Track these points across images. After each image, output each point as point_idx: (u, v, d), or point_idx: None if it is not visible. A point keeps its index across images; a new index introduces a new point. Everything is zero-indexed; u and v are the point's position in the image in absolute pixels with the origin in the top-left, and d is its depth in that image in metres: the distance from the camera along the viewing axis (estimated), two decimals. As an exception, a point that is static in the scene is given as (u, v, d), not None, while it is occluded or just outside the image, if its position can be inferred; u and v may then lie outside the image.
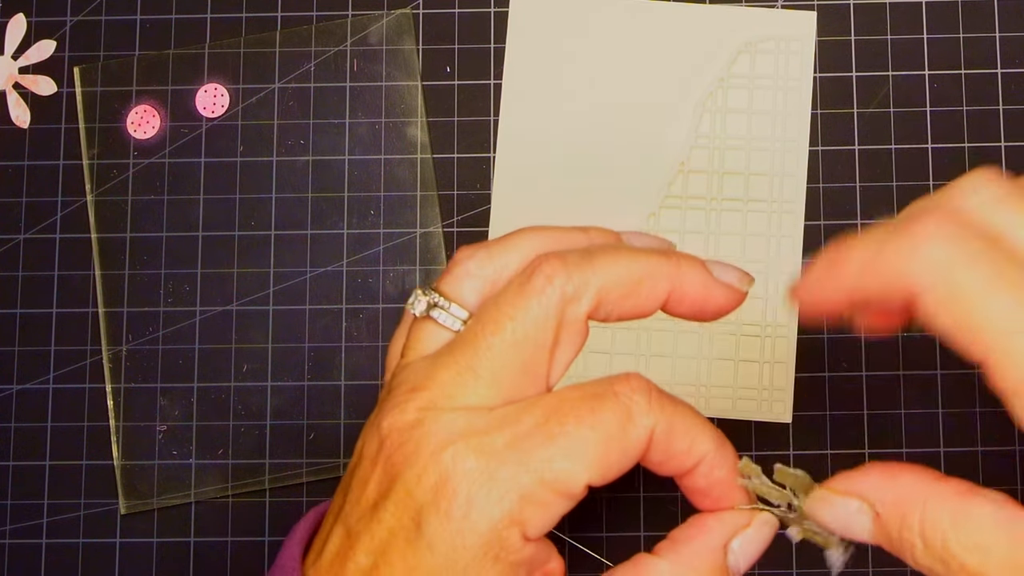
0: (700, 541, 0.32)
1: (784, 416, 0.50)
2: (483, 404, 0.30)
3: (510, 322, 0.30)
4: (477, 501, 0.29)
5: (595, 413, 0.30)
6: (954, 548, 0.29)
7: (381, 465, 0.30)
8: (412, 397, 0.31)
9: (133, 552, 0.51)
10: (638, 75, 0.51)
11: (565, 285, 0.31)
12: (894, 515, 0.30)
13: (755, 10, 0.51)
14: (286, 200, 0.52)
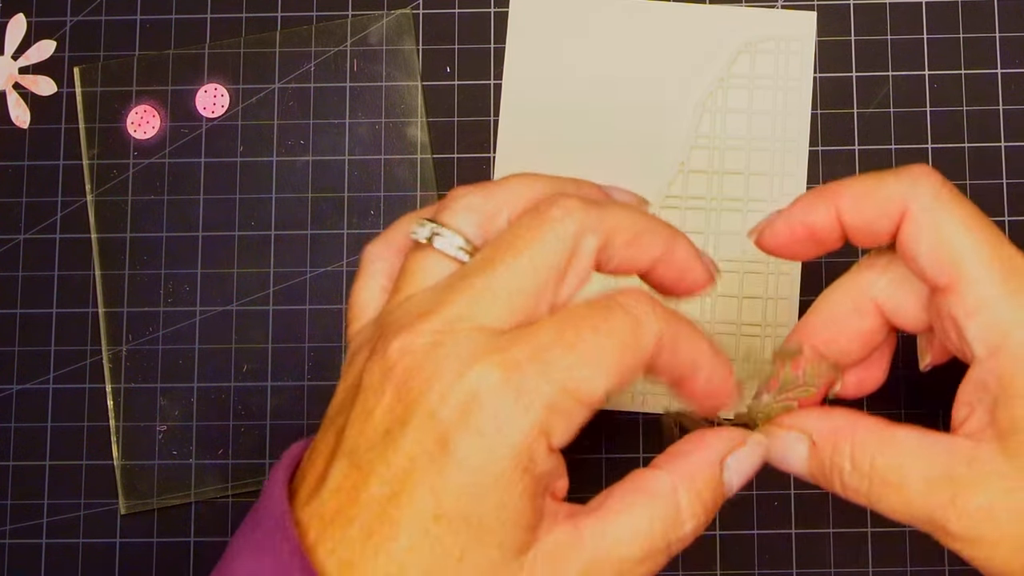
0: (698, 455, 0.33)
1: None
2: (498, 326, 0.31)
3: (528, 246, 0.31)
4: (506, 415, 0.29)
5: (608, 322, 0.31)
6: (880, 467, 0.33)
7: (391, 392, 0.30)
8: (423, 321, 0.31)
9: (133, 552, 0.51)
10: (638, 75, 0.51)
11: (583, 219, 0.32)
12: (828, 442, 0.34)
13: (755, 10, 0.51)
14: (286, 200, 0.52)
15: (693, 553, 0.49)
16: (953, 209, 0.33)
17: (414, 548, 0.29)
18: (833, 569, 0.49)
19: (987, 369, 0.33)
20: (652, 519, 0.31)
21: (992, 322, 0.32)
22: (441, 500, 0.29)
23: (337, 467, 0.30)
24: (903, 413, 0.50)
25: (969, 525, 0.32)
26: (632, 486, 0.32)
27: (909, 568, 0.49)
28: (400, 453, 0.29)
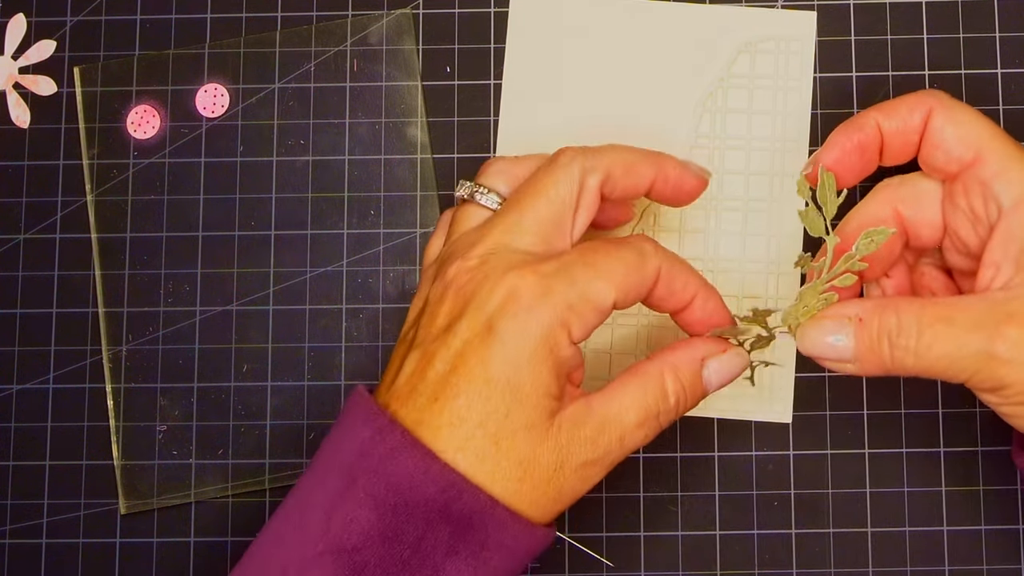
0: (683, 351, 0.42)
1: (784, 416, 0.50)
2: (530, 249, 0.40)
3: (545, 188, 0.41)
4: (537, 306, 0.38)
5: (619, 251, 0.40)
6: (928, 317, 0.39)
7: (450, 298, 0.40)
8: (471, 249, 0.40)
9: (133, 552, 0.51)
10: (638, 75, 0.51)
11: (584, 161, 0.41)
12: (874, 315, 0.40)
13: (755, 10, 0.51)
14: (286, 200, 0.52)
15: (693, 553, 0.49)
16: (966, 107, 0.41)
17: (471, 405, 0.38)
18: (833, 569, 0.49)
19: (1013, 220, 0.39)
20: (644, 393, 0.40)
21: (1015, 178, 0.40)
22: (489, 368, 0.38)
23: (409, 359, 0.39)
24: (903, 413, 0.50)
25: (1014, 347, 0.38)
26: (629, 372, 0.41)
27: (909, 568, 0.49)
28: (457, 338, 0.39)
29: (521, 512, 0.38)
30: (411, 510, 0.37)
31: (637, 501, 0.50)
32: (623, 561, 0.50)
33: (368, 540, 0.37)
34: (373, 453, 0.38)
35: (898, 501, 0.49)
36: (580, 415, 0.39)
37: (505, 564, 0.39)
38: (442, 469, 0.37)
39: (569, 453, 0.39)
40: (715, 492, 0.50)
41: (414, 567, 0.38)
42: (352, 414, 0.40)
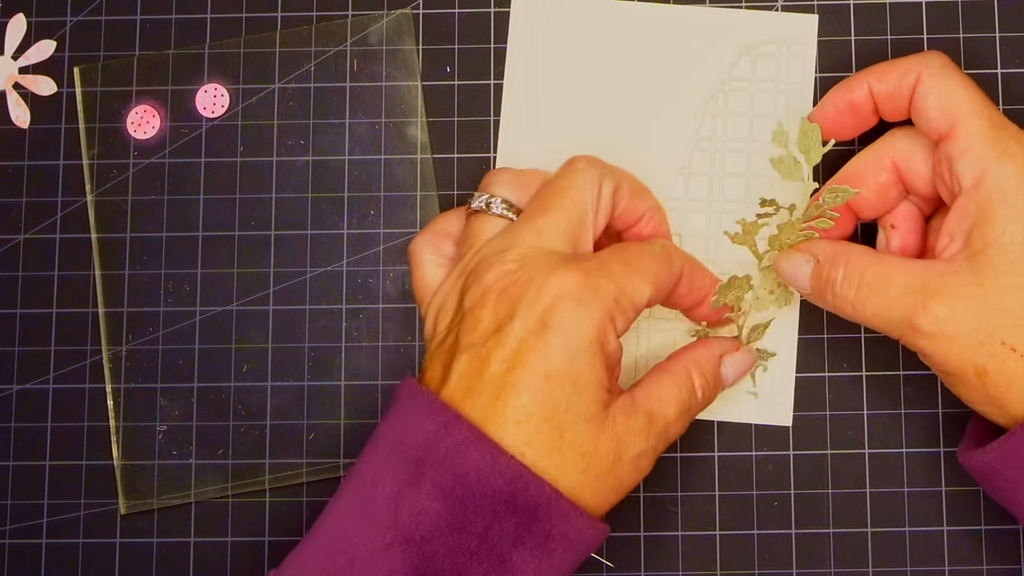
0: (703, 350, 0.45)
1: (784, 419, 0.50)
2: (563, 250, 0.42)
3: (568, 191, 0.43)
4: (588, 301, 0.40)
5: (651, 251, 0.43)
6: (868, 277, 0.42)
7: (494, 301, 0.40)
8: (506, 254, 0.41)
9: (133, 552, 0.51)
10: (639, 77, 0.51)
11: (601, 168, 0.44)
12: (828, 259, 0.43)
13: (757, 13, 0.51)
14: (286, 200, 0.52)
15: (693, 553, 0.49)
16: (955, 77, 0.42)
17: (534, 401, 0.39)
18: (833, 569, 0.49)
19: (969, 198, 0.41)
20: (679, 388, 0.43)
21: (976, 159, 0.41)
22: (548, 364, 0.39)
23: (458, 363, 0.40)
24: (903, 413, 0.50)
25: (934, 323, 0.40)
26: (659, 369, 0.44)
27: (909, 568, 0.49)
28: (511, 337, 0.40)
29: (582, 504, 0.40)
30: (478, 501, 0.38)
31: (637, 501, 0.50)
32: (623, 561, 0.50)
33: (437, 531, 0.38)
34: (440, 446, 0.39)
35: (898, 501, 0.49)
36: (628, 408, 0.41)
37: (567, 557, 0.40)
38: (509, 461, 0.38)
39: (625, 444, 0.41)
40: (715, 492, 0.50)
41: (482, 557, 0.38)
42: (411, 406, 0.40)
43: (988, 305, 0.40)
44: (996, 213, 0.40)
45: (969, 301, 0.40)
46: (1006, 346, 0.40)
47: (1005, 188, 0.40)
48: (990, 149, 0.41)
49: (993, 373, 0.40)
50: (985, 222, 0.40)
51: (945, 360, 0.41)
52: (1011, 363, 0.40)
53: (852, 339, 0.50)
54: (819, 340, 0.50)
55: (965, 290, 0.40)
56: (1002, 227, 0.40)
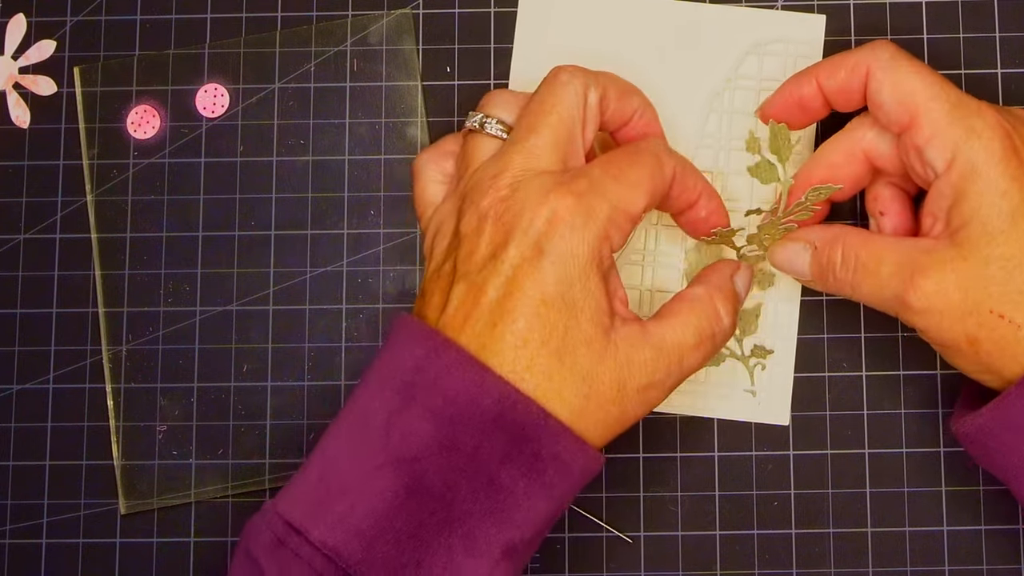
0: (718, 274, 0.45)
1: (782, 418, 0.50)
2: (555, 169, 0.42)
3: (553, 107, 0.42)
4: (581, 224, 0.40)
5: (639, 159, 0.43)
6: (863, 258, 0.43)
7: (490, 228, 0.41)
8: (499, 179, 0.41)
9: (133, 552, 0.51)
10: (645, 74, 0.51)
11: (584, 77, 0.43)
12: (826, 245, 0.44)
13: (765, 12, 0.51)
14: (286, 200, 0.52)
15: (693, 553, 0.49)
16: (906, 64, 0.43)
17: (531, 326, 0.39)
18: (833, 569, 0.49)
19: (944, 181, 0.42)
20: (699, 316, 0.43)
21: (944, 142, 0.41)
22: (544, 289, 0.40)
23: (456, 290, 0.41)
24: (903, 413, 0.50)
25: (923, 298, 0.41)
26: (678, 299, 0.44)
27: (909, 568, 0.49)
28: (507, 264, 0.40)
29: (583, 430, 0.40)
30: (467, 420, 0.39)
31: (637, 501, 0.50)
32: (623, 561, 0.50)
33: (427, 450, 0.39)
34: (429, 369, 0.40)
35: (898, 501, 0.49)
36: (636, 338, 0.41)
37: (560, 479, 0.40)
38: (496, 381, 0.39)
39: (630, 374, 0.41)
40: (715, 492, 0.50)
41: (471, 474, 0.39)
42: (403, 335, 0.41)
43: (973, 276, 0.41)
44: (970, 190, 0.41)
45: (955, 274, 0.41)
46: (994, 314, 0.41)
47: (975, 164, 0.41)
48: (956, 130, 0.41)
49: (984, 341, 0.41)
50: (961, 199, 0.41)
51: (938, 333, 0.42)
52: (1000, 329, 0.41)
53: (852, 339, 0.50)
54: (819, 340, 0.50)
55: (950, 264, 0.41)
56: (977, 202, 0.41)
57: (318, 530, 0.39)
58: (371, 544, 0.39)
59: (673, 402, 0.50)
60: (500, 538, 0.39)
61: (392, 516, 0.39)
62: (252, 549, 0.40)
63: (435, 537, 0.39)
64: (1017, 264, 0.40)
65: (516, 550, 0.40)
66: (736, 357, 0.50)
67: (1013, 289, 0.40)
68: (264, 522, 0.40)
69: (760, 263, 0.49)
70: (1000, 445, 0.42)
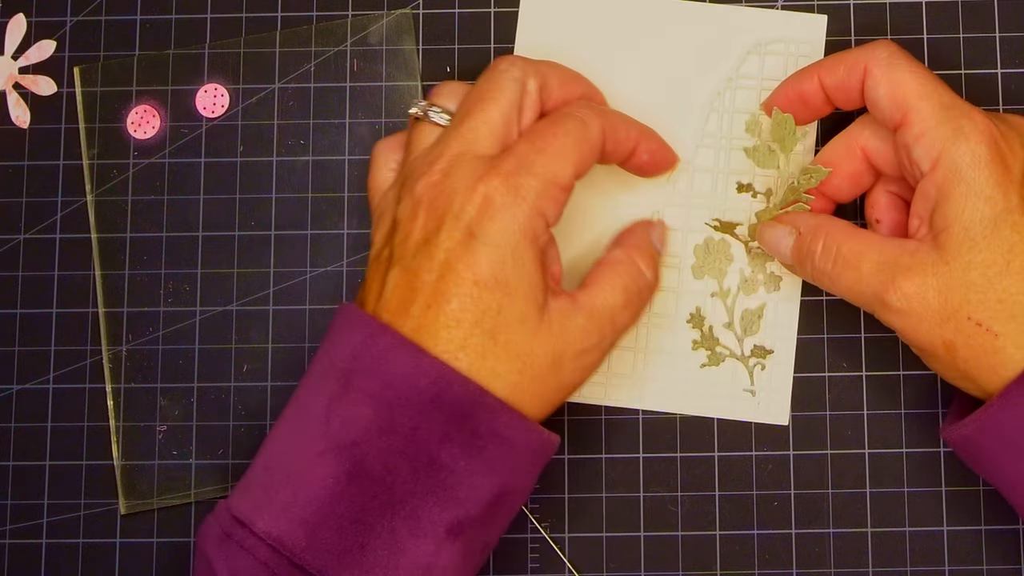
0: (636, 234, 0.47)
1: (781, 418, 0.50)
2: (489, 153, 0.42)
3: (491, 94, 0.43)
4: (510, 204, 0.41)
5: (563, 127, 0.43)
6: (844, 252, 0.43)
7: (423, 214, 0.41)
8: (434, 164, 0.42)
9: (133, 552, 0.51)
10: (646, 72, 0.51)
11: (523, 66, 0.44)
12: (809, 232, 0.45)
13: (766, 12, 0.51)
14: (286, 200, 0.52)
15: (693, 553, 0.49)
16: (903, 64, 0.43)
17: (464, 307, 0.40)
18: (833, 569, 0.49)
19: (929, 181, 0.42)
20: (623, 275, 0.44)
21: (931, 143, 0.42)
22: (476, 270, 0.40)
23: (391, 276, 0.41)
24: (903, 413, 0.50)
25: (903, 299, 0.41)
26: (599, 265, 0.45)
27: (909, 568, 0.49)
28: (439, 248, 0.40)
29: (520, 404, 0.41)
30: (405, 402, 0.39)
31: (637, 501, 0.50)
32: (623, 561, 0.50)
33: (366, 434, 0.39)
34: (366, 355, 0.40)
35: (898, 501, 0.49)
36: (568, 308, 0.42)
37: (500, 454, 0.41)
38: (432, 362, 0.39)
39: (565, 344, 0.41)
40: (715, 492, 0.50)
41: (410, 455, 0.39)
42: (342, 324, 0.42)
43: (953, 281, 0.41)
44: (953, 192, 0.41)
45: (936, 278, 0.41)
46: (972, 320, 0.41)
47: (960, 167, 0.41)
48: (944, 130, 0.41)
49: (961, 347, 0.41)
50: (945, 202, 0.41)
51: (916, 336, 0.42)
52: (977, 337, 0.41)
53: (852, 339, 0.50)
54: (819, 340, 0.50)
55: (932, 268, 0.41)
56: (960, 205, 0.41)
57: (262, 520, 0.39)
58: (314, 531, 0.39)
59: (673, 401, 0.50)
60: (444, 517, 0.40)
61: (334, 502, 0.39)
62: (201, 545, 0.41)
63: (378, 520, 0.39)
64: (997, 271, 0.40)
65: (462, 528, 0.40)
66: (736, 357, 0.50)
67: (992, 297, 0.40)
68: (213, 518, 0.41)
69: (767, 262, 0.49)
70: (986, 455, 0.42)
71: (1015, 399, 0.40)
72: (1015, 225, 0.40)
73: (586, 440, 0.50)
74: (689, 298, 0.50)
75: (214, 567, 0.40)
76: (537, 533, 0.50)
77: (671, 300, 0.50)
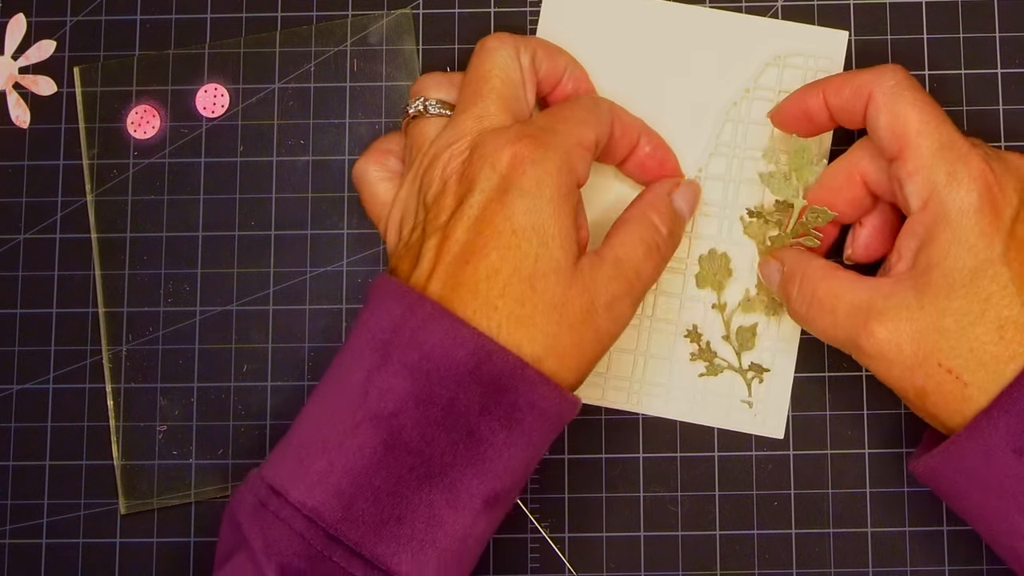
0: (652, 192, 0.47)
1: (777, 431, 0.50)
2: (505, 125, 0.43)
3: (492, 72, 0.44)
4: (542, 158, 0.41)
5: (576, 103, 0.45)
6: (819, 294, 0.43)
7: (453, 185, 0.42)
8: (455, 146, 0.43)
9: (133, 552, 0.51)
10: (664, 78, 0.51)
11: (512, 41, 0.45)
12: (787, 273, 0.46)
13: (787, 24, 0.51)
14: (286, 200, 0.52)
15: (693, 553, 0.49)
16: (907, 95, 0.42)
17: (502, 256, 0.40)
18: (833, 569, 0.49)
19: (917, 220, 0.42)
20: (639, 230, 0.44)
21: (925, 181, 0.41)
22: (513, 219, 0.41)
23: (426, 247, 0.42)
24: (903, 413, 0.50)
25: (876, 345, 0.41)
26: (618, 223, 0.45)
27: (909, 568, 0.49)
28: (474, 206, 0.41)
29: (560, 361, 0.41)
30: (442, 374, 0.39)
31: (637, 501, 0.50)
32: (623, 561, 0.50)
33: (403, 405, 0.39)
34: (405, 326, 0.40)
35: (898, 501, 0.49)
36: (595, 260, 0.43)
37: (539, 428, 0.41)
38: (471, 333, 0.39)
39: (596, 292, 0.42)
40: (715, 492, 0.50)
41: (448, 426, 0.39)
42: (380, 295, 0.42)
43: (927, 327, 0.40)
44: (939, 236, 0.41)
45: (910, 323, 0.41)
46: (942, 368, 0.40)
47: (949, 213, 0.41)
48: (937, 172, 0.41)
49: (932, 394, 0.41)
50: (929, 243, 0.41)
51: (888, 379, 0.42)
52: (948, 384, 0.40)
53: (852, 339, 0.50)
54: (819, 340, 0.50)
55: (907, 312, 0.41)
56: (944, 251, 0.40)
57: (297, 491, 0.39)
58: (351, 502, 0.39)
59: (670, 408, 0.50)
60: (481, 489, 0.40)
61: (371, 473, 0.39)
62: (236, 514, 0.41)
63: (415, 492, 0.39)
64: (971, 320, 0.40)
65: (497, 500, 0.41)
66: (734, 369, 0.50)
67: (964, 346, 0.40)
68: (247, 488, 0.41)
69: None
70: (951, 487, 0.42)
71: (982, 431, 0.40)
72: (995, 276, 0.40)
73: (586, 440, 0.50)
74: (691, 304, 0.50)
75: (247, 535, 0.40)
76: (537, 533, 0.50)
77: (673, 305, 0.50)
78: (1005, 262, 0.40)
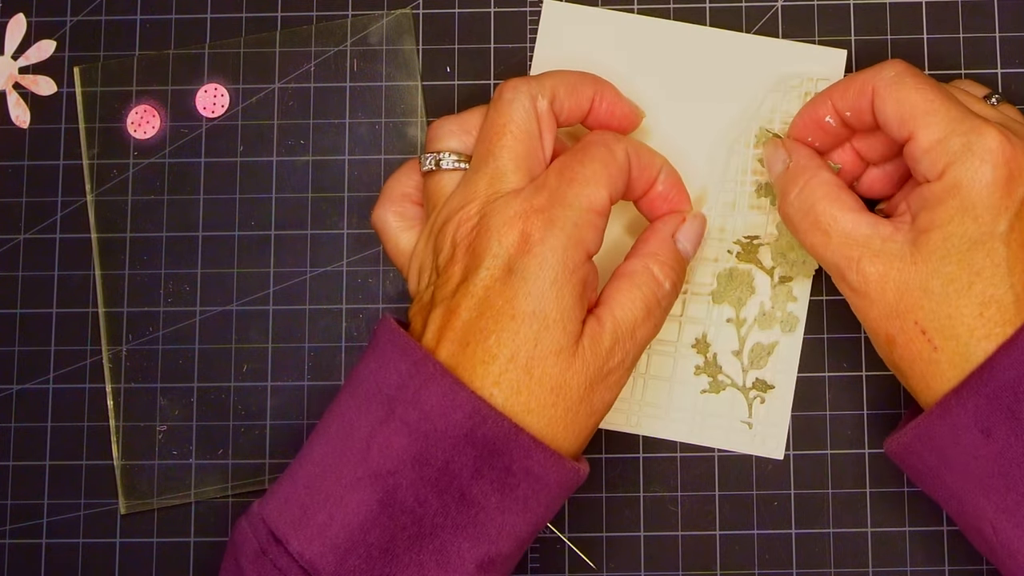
0: (655, 238, 0.45)
1: (776, 452, 0.50)
2: (520, 187, 0.42)
3: (507, 127, 0.43)
4: (547, 237, 0.41)
5: (589, 154, 0.43)
6: (818, 211, 0.43)
7: (461, 255, 0.42)
8: (467, 208, 0.42)
9: (133, 552, 0.51)
10: (663, 98, 0.50)
11: (528, 88, 0.44)
12: (795, 169, 0.45)
13: (786, 43, 0.51)
14: (286, 200, 0.52)
15: (693, 553, 0.49)
16: (909, 81, 0.42)
17: (501, 341, 0.40)
18: (833, 569, 0.49)
19: (928, 188, 0.41)
20: (640, 288, 0.43)
21: (940, 154, 0.41)
22: (514, 305, 0.40)
23: (433, 316, 0.42)
24: (903, 414, 0.50)
25: (861, 281, 0.42)
26: (617, 277, 0.44)
27: (909, 568, 0.49)
28: (479, 285, 0.41)
29: (555, 438, 0.41)
30: (439, 435, 0.39)
31: (637, 501, 0.50)
32: (623, 561, 0.50)
33: (401, 464, 0.39)
34: (410, 384, 0.40)
35: (898, 501, 0.49)
36: (595, 331, 0.42)
37: (535, 494, 0.41)
38: (468, 396, 0.39)
39: (595, 368, 0.41)
40: (715, 492, 0.50)
41: (442, 488, 0.39)
42: (389, 348, 0.42)
43: (914, 284, 0.41)
44: (947, 202, 0.41)
45: (900, 273, 0.41)
46: (918, 326, 0.41)
47: (961, 182, 0.40)
48: (952, 144, 0.41)
49: (900, 347, 0.42)
50: (937, 206, 0.41)
51: (863, 317, 0.43)
52: (917, 343, 0.41)
53: (852, 339, 0.50)
54: (819, 340, 0.50)
55: (899, 263, 0.41)
56: (949, 216, 0.41)
57: (297, 541, 0.40)
58: (344, 557, 0.39)
59: (669, 429, 0.50)
60: (473, 553, 0.40)
61: (365, 530, 0.39)
62: (239, 557, 0.41)
63: (406, 552, 0.39)
64: (957, 290, 0.40)
65: (493, 565, 0.40)
66: (737, 387, 0.50)
67: (944, 312, 0.40)
68: (250, 527, 0.41)
69: (789, 302, 0.49)
70: (923, 466, 0.42)
71: (951, 409, 0.40)
72: (991, 252, 0.40)
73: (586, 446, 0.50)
74: (695, 325, 0.50)
75: None
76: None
77: (673, 327, 0.50)
78: (1005, 241, 0.40)
